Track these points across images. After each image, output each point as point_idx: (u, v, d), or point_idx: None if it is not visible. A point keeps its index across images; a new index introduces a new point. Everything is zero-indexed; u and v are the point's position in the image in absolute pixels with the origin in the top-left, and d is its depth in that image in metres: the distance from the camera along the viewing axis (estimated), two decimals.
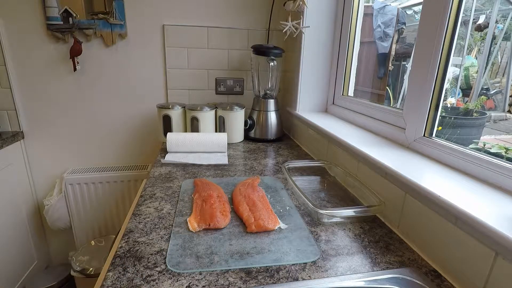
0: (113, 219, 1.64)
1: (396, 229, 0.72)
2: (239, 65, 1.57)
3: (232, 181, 0.95)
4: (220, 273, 0.56)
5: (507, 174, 0.59)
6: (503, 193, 0.58)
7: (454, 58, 1.75)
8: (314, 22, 1.27)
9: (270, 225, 0.69)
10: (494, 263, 0.48)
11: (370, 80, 2.74)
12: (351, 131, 1.05)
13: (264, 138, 1.40)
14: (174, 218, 0.73)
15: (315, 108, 1.40)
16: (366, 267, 0.59)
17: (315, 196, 0.88)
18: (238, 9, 1.50)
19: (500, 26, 2.64)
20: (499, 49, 2.67)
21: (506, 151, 1.11)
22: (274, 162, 1.15)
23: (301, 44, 1.29)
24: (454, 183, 0.62)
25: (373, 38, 2.67)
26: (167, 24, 1.46)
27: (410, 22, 2.91)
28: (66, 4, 1.32)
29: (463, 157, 0.68)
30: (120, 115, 1.55)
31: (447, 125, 1.75)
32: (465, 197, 0.56)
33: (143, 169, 1.60)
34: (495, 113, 2.43)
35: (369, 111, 1.08)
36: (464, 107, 2.04)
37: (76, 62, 1.40)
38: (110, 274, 0.55)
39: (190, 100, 1.58)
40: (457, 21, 0.73)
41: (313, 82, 1.36)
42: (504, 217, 0.49)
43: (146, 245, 0.63)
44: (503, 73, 2.67)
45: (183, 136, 1.20)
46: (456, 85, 2.57)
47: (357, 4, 1.20)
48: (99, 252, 1.47)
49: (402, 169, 0.68)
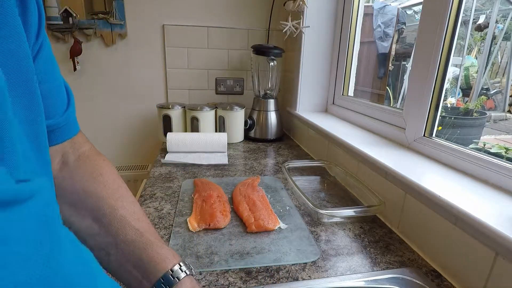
0: None
1: (396, 229, 0.72)
2: (239, 65, 1.57)
3: (232, 181, 0.95)
4: (220, 273, 0.56)
5: (507, 174, 0.59)
6: (503, 193, 0.58)
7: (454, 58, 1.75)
8: (314, 22, 1.27)
9: (270, 225, 0.69)
10: (494, 263, 0.48)
11: (370, 80, 2.74)
12: (351, 131, 1.05)
13: (264, 138, 1.40)
14: (174, 218, 0.73)
15: (315, 108, 1.40)
16: (366, 267, 0.59)
17: (315, 196, 0.88)
18: (238, 9, 1.50)
19: (500, 26, 2.64)
20: (499, 49, 2.67)
21: (506, 151, 1.11)
22: (274, 162, 1.15)
23: (301, 44, 1.29)
24: (454, 183, 0.62)
25: (373, 38, 2.66)
26: (167, 24, 1.46)
27: (410, 22, 2.91)
28: (66, 4, 1.32)
29: (463, 157, 0.68)
30: (120, 115, 1.55)
31: (447, 125, 1.75)
32: (465, 197, 0.56)
33: (143, 169, 1.60)
34: (495, 113, 2.43)
35: (369, 111, 1.08)
36: (464, 107, 2.04)
37: (76, 62, 1.40)
38: None
39: (190, 100, 1.58)
40: (457, 21, 0.73)
41: (313, 82, 1.36)
42: (504, 217, 0.49)
43: None
44: (503, 73, 2.67)
45: (183, 136, 1.20)
46: (456, 85, 2.57)
47: (357, 4, 1.20)
48: None
49: (402, 169, 0.68)
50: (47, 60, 0.35)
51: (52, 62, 0.36)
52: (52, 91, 0.36)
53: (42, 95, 0.29)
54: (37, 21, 0.31)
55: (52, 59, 0.36)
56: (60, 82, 0.38)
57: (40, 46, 0.33)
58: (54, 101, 0.37)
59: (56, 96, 0.37)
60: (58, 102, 0.38)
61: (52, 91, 0.36)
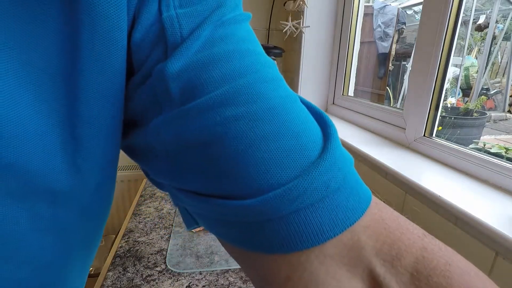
0: (113, 219, 1.64)
1: None
2: None
3: None
4: (220, 272, 0.56)
5: (507, 174, 0.59)
6: (503, 193, 0.58)
7: (454, 58, 1.75)
8: (314, 22, 1.27)
9: None
10: (494, 263, 0.48)
11: (370, 80, 2.74)
12: (351, 131, 1.05)
13: None
14: (174, 218, 0.73)
15: None
16: None
17: None
18: None
19: (500, 26, 2.64)
20: (499, 49, 2.67)
21: (506, 151, 1.11)
22: None
23: (301, 44, 1.29)
24: (454, 183, 0.62)
25: (373, 38, 2.67)
26: None
27: (410, 22, 2.91)
28: None
29: (463, 157, 0.68)
30: None
31: (447, 125, 1.75)
32: (465, 197, 0.56)
33: None
34: (495, 113, 2.43)
35: (369, 111, 1.08)
36: (464, 107, 2.04)
37: None
38: (110, 274, 0.55)
39: None
40: (457, 21, 0.73)
41: (313, 82, 1.36)
42: (505, 217, 0.49)
43: (146, 245, 0.63)
44: (503, 73, 2.67)
45: None
46: (456, 85, 2.58)
47: (357, 4, 1.20)
48: (99, 252, 1.47)
49: (402, 169, 0.68)
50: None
51: None
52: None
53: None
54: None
55: None
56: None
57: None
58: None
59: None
60: None
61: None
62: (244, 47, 0.20)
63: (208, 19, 0.19)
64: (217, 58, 0.18)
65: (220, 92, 0.18)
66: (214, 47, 0.19)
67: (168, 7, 0.18)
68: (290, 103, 0.20)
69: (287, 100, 0.20)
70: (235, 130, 0.18)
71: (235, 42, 0.20)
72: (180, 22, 0.18)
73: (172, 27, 0.18)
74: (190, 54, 0.18)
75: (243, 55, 0.19)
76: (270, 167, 0.18)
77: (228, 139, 0.18)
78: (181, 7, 0.18)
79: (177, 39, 0.18)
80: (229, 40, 0.19)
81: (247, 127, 0.18)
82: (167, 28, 0.18)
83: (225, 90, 0.18)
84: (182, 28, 0.18)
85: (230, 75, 0.18)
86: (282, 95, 0.19)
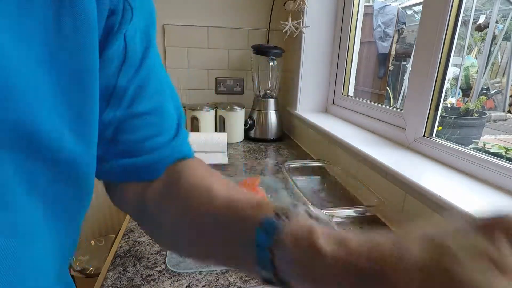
0: (113, 219, 1.64)
1: (396, 229, 0.72)
2: (239, 65, 1.57)
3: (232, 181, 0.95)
4: (220, 273, 0.56)
5: (507, 174, 0.59)
6: (503, 193, 0.58)
7: (454, 58, 1.75)
8: (314, 22, 1.27)
9: None
10: None
11: (370, 80, 2.74)
12: (351, 131, 1.05)
13: (264, 138, 1.40)
14: None
15: (315, 108, 1.40)
16: None
17: (315, 196, 0.88)
18: (238, 9, 1.50)
19: (500, 26, 2.64)
20: (499, 49, 2.67)
21: (506, 151, 1.11)
22: (274, 162, 1.15)
23: (301, 44, 1.29)
24: (454, 183, 0.62)
25: (373, 38, 2.67)
26: (167, 24, 1.46)
27: (410, 22, 2.91)
28: None
29: (463, 157, 0.68)
30: None
31: (447, 125, 1.75)
32: (465, 197, 0.56)
33: None
34: (495, 113, 2.43)
35: (369, 111, 1.08)
36: (464, 107, 2.05)
37: None
38: (110, 274, 0.55)
39: (190, 100, 1.58)
40: (457, 21, 0.73)
41: (313, 82, 1.36)
42: None
43: (146, 245, 0.63)
44: (503, 73, 2.67)
45: None
46: (456, 85, 2.58)
47: (357, 4, 1.20)
48: (99, 252, 1.47)
49: (402, 169, 0.68)
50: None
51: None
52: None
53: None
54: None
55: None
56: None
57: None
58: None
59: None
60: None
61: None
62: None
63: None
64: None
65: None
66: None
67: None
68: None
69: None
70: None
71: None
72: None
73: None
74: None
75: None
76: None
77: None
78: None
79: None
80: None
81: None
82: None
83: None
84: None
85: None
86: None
